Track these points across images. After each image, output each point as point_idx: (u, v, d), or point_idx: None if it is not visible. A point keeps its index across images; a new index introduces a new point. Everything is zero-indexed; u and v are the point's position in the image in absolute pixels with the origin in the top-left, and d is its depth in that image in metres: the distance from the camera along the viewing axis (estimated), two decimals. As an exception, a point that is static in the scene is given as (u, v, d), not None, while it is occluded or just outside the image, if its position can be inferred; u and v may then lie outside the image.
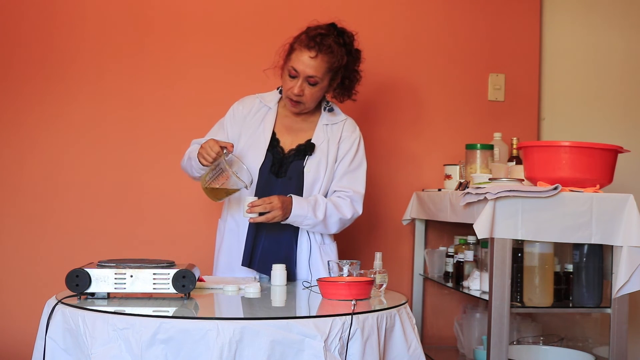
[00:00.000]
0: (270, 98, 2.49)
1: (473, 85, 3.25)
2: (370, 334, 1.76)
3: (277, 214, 2.24)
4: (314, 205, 2.32)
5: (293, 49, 2.34)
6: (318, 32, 2.32)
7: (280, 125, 2.46)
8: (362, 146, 2.49)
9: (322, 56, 2.30)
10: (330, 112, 2.48)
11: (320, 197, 2.36)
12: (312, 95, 2.36)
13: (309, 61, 2.30)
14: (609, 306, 2.28)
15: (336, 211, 2.36)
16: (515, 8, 3.27)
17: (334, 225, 2.38)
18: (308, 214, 2.30)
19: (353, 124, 2.50)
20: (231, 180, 2.19)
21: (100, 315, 1.67)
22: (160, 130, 2.98)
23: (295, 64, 2.31)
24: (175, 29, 3.02)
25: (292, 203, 2.28)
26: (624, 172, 2.67)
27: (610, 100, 3.40)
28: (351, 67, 2.42)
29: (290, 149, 2.42)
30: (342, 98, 2.49)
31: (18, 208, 2.91)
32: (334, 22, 2.39)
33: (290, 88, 2.34)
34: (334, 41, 2.32)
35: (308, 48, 2.30)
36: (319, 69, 2.31)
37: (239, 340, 1.61)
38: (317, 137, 2.43)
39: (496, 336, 2.21)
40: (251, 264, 2.36)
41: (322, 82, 2.35)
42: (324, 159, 2.40)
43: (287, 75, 2.35)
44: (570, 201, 2.22)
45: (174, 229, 2.99)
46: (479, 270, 2.53)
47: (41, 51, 2.94)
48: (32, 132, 2.93)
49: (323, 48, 2.30)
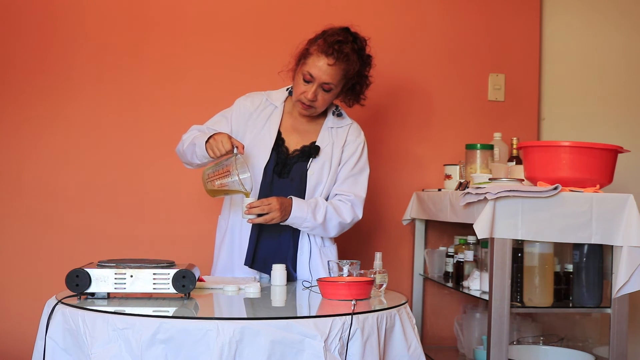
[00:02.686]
0: (277, 97, 2.47)
1: (473, 85, 3.25)
2: (370, 334, 1.76)
3: (275, 216, 2.23)
4: (314, 208, 2.31)
5: (309, 54, 2.30)
6: (336, 39, 2.27)
7: (285, 125, 2.44)
8: (366, 151, 2.48)
9: (340, 64, 2.27)
10: (339, 116, 2.47)
11: (320, 199, 2.36)
12: (324, 100, 2.35)
13: (327, 68, 2.27)
14: (609, 306, 2.28)
15: (336, 214, 2.36)
16: (515, 8, 3.27)
17: (334, 228, 2.38)
18: (307, 216, 2.29)
19: (358, 129, 2.49)
20: (234, 182, 2.18)
21: (100, 315, 1.67)
22: (160, 130, 2.98)
23: (311, 69, 2.28)
24: (175, 29, 3.02)
25: (291, 204, 2.28)
26: (624, 172, 2.67)
27: (610, 100, 3.40)
28: (362, 73, 2.39)
29: (294, 149, 2.41)
30: (351, 103, 2.47)
31: (18, 208, 2.92)
32: (347, 27, 2.35)
33: (303, 92, 2.31)
34: (351, 49, 2.29)
35: (326, 55, 2.26)
36: (335, 76, 2.29)
37: (239, 340, 1.61)
38: (322, 139, 2.42)
39: (496, 336, 2.21)
40: (253, 264, 2.35)
41: (335, 89, 2.33)
42: (328, 162, 2.40)
43: (300, 79, 2.31)
44: (570, 201, 2.22)
45: (174, 229, 2.99)
46: (479, 270, 2.53)
47: (42, 51, 2.94)
48: (32, 132, 2.93)
49: (341, 56, 2.26)
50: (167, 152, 2.94)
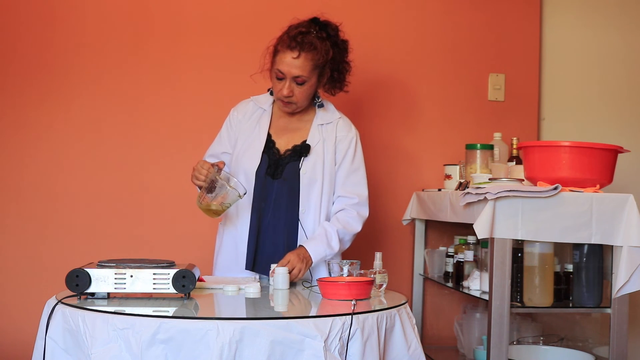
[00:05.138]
0: (264, 100, 2.48)
1: (473, 85, 3.25)
2: (370, 334, 1.76)
3: (301, 267, 2.23)
4: (327, 241, 2.32)
5: (277, 51, 2.32)
6: (299, 31, 2.29)
7: (275, 127, 2.45)
8: (360, 145, 2.47)
9: (305, 54, 2.28)
10: (321, 107, 2.46)
11: (328, 226, 2.35)
12: (302, 93, 2.34)
13: (293, 61, 2.28)
14: (609, 306, 2.28)
15: (347, 231, 2.38)
16: (515, 8, 3.27)
17: (349, 241, 2.43)
18: (326, 252, 2.31)
19: (348, 123, 2.47)
20: (225, 192, 2.18)
21: (100, 315, 1.67)
22: (160, 131, 2.98)
23: (280, 65, 2.29)
24: (175, 30, 3.02)
25: (307, 251, 2.27)
26: (624, 172, 2.67)
27: (610, 100, 3.40)
28: (339, 59, 2.38)
29: (285, 149, 2.40)
30: (334, 91, 2.46)
31: (18, 208, 2.92)
32: (315, 17, 2.36)
33: (279, 90, 2.32)
34: (315, 37, 2.29)
35: (290, 48, 2.27)
36: (304, 68, 2.29)
37: (239, 340, 1.61)
38: (312, 137, 2.41)
39: (496, 336, 2.21)
40: (254, 268, 2.35)
41: (310, 80, 2.33)
42: (320, 161, 2.39)
43: (274, 78, 2.33)
44: (570, 201, 2.22)
45: (174, 229, 2.99)
46: (479, 270, 2.53)
47: (41, 52, 2.94)
48: (32, 132, 2.93)
49: (305, 46, 2.27)
50: (167, 152, 2.94)
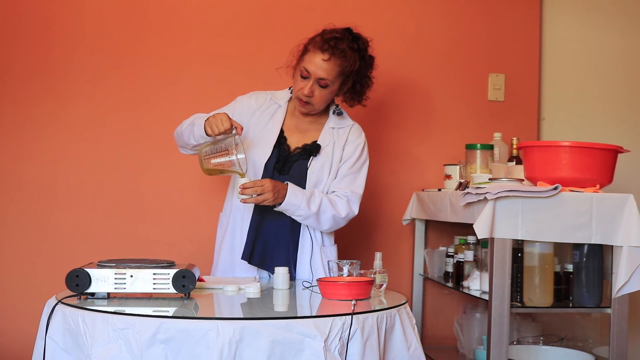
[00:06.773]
0: (281, 96, 2.51)
1: (473, 85, 3.25)
2: (370, 334, 1.76)
3: (268, 197, 2.23)
4: (309, 198, 2.33)
5: (307, 50, 2.35)
6: (333, 36, 2.33)
7: (288, 124, 2.47)
8: (366, 151, 2.50)
9: (335, 59, 2.31)
10: (339, 115, 2.49)
11: (317, 191, 2.37)
12: (321, 97, 2.37)
13: (322, 63, 2.31)
14: (609, 306, 2.28)
15: (331, 207, 2.37)
16: (515, 8, 3.27)
17: (327, 221, 2.38)
18: (301, 204, 2.30)
19: (359, 130, 2.52)
20: (231, 161, 2.19)
21: (100, 315, 1.67)
22: (160, 130, 2.98)
23: (307, 64, 2.33)
24: (174, 29, 3.02)
25: (286, 190, 2.29)
26: (624, 172, 2.67)
27: (610, 100, 3.40)
28: (363, 73, 2.43)
29: (296, 147, 2.43)
30: (352, 103, 2.50)
31: (18, 208, 2.91)
32: (349, 27, 2.40)
33: (300, 88, 2.35)
34: (347, 46, 2.33)
35: (322, 50, 2.31)
36: (330, 71, 2.32)
37: (239, 340, 1.61)
38: (323, 138, 2.45)
39: (496, 336, 2.21)
40: (250, 260, 2.36)
41: (332, 85, 2.36)
42: (328, 162, 2.42)
43: (298, 76, 2.36)
44: (570, 201, 2.22)
45: (174, 229, 2.99)
46: (479, 270, 2.53)
47: (41, 51, 2.94)
48: (32, 132, 2.93)
49: (336, 52, 2.31)
50: (167, 151, 2.94)
